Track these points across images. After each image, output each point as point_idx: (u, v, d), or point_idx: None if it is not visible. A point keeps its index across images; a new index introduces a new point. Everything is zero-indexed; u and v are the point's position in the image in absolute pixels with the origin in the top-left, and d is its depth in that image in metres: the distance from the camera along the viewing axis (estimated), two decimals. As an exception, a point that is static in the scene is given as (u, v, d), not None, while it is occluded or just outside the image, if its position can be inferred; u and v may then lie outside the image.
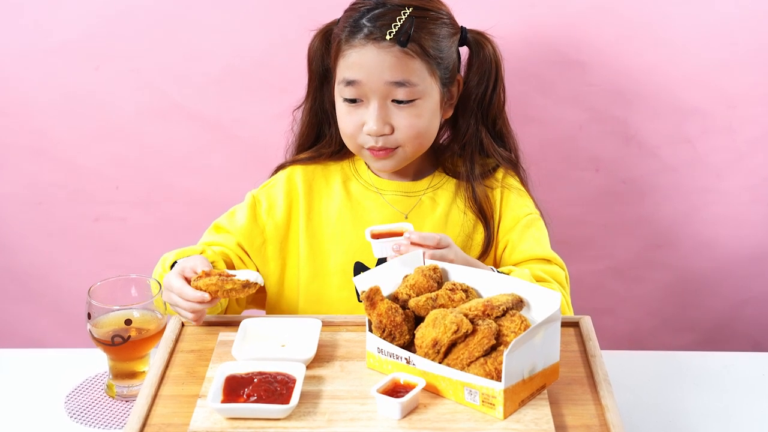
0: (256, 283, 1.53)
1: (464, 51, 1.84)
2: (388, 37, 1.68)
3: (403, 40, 1.68)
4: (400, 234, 1.60)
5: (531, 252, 1.78)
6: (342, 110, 1.75)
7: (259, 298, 1.88)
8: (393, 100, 1.71)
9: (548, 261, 1.78)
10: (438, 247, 1.57)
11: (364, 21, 1.70)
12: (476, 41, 1.81)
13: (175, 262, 1.65)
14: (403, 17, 1.70)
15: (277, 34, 2.12)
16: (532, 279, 1.69)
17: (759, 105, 2.14)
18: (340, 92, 1.74)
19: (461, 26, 1.80)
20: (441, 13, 1.75)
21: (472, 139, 1.83)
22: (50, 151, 2.22)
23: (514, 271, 1.69)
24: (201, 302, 1.52)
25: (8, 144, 2.22)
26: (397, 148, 1.75)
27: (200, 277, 1.54)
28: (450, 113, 1.82)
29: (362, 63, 1.70)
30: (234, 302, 1.79)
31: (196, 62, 2.15)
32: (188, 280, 1.55)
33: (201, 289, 1.52)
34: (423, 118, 1.73)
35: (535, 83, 2.14)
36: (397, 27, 1.68)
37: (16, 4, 2.12)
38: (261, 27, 2.13)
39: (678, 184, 2.21)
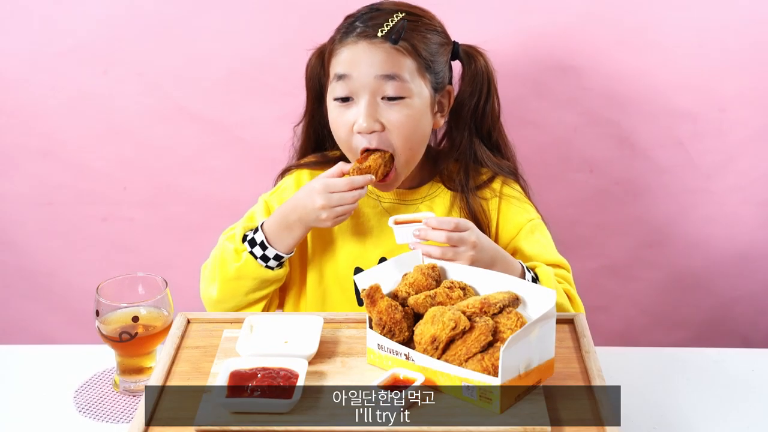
0: None
1: (457, 67, 1.82)
2: (379, 34, 1.68)
3: (394, 37, 1.67)
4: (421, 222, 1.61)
5: (540, 258, 1.76)
6: (334, 113, 1.72)
7: (283, 300, 1.88)
8: (383, 98, 1.68)
9: (558, 266, 1.76)
10: (456, 230, 1.56)
11: (357, 23, 1.71)
12: (468, 54, 1.79)
13: (245, 235, 1.72)
14: (396, 19, 1.70)
15: (279, 38, 2.12)
16: (554, 278, 1.69)
17: (748, 108, 2.14)
18: (332, 92, 1.71)
19: (453, 41, 1.79)
20: (434, 23, 1.75)
21: (467, 150, 1.81)
22: (59, 153, 2.21)
23: (539, 267, 1.70)
24: (370, 183, 1.66)
25: (18, 146, 2.21)
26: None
27: (364, 158, 1.67)
28: (441, 123, 1.79)
29: (353, 58, 1.68)
30: (272, 301, 1.80)
31: (201, 66, 2.15)
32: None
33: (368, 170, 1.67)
34: (413, 118, 1.69)
35: (531, 87, 2.14)
36: (389, 26, 1.68)
37: (26, 9, 2.11)
38: (263, 31, 2.12)
39: (670, 185, 2.20)
